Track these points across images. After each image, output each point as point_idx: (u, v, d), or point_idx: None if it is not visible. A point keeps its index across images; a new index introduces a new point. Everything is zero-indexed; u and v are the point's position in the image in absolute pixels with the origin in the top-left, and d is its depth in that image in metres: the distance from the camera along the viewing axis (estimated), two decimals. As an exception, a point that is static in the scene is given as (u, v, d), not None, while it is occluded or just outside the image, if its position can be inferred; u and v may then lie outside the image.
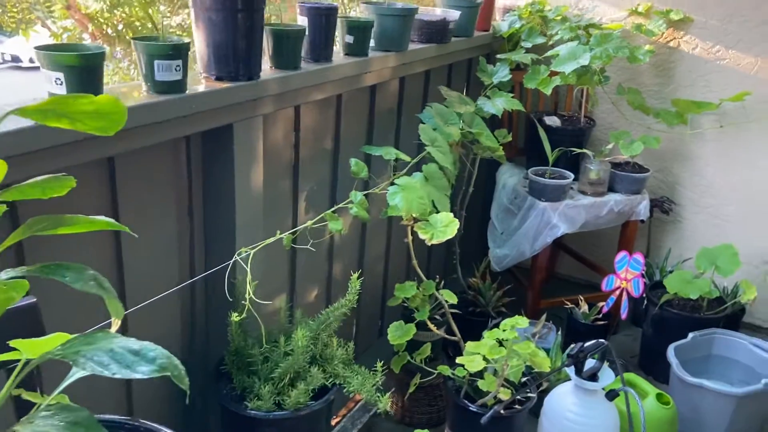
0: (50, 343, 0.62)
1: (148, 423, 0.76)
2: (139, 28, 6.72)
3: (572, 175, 2.50)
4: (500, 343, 1.82)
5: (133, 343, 0.58)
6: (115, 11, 6.17)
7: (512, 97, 2.37)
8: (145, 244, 1.36)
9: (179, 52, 1.19)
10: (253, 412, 1.40)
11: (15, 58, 12.46)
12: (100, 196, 1.23)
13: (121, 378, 0.55)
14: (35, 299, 0.86)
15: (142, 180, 1.32)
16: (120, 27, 6.84)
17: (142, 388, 1.43)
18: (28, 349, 0.64)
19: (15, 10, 4.79)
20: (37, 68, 1.05)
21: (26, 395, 0.74)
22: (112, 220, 0.63)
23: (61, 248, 1.16)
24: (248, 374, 1.49)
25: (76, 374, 0.65)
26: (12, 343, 0.69)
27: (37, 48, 1.02)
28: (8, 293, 0.67)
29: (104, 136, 1.07)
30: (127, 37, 6.68)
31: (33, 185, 0.57)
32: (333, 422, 2.01)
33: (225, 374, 1.51)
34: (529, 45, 2.51)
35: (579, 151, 2.51)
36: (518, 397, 2.00)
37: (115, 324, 0.64)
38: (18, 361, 0.66)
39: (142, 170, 1.31)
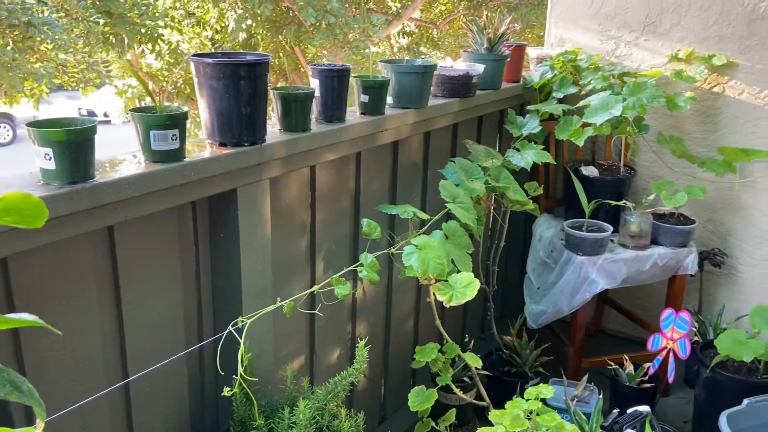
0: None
1: None
2: (196, 84, 7.04)
3: (611, 228, 2.38)
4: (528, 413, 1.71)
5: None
6: (173, 69, 6.49)
7: (543, 148, 2.30)
8: (148, 311, 1.36)
9: (175, 122, 1.20)
10: (254, 486, 1.34)
11: (90, 113, 13.36)
12: (99, 264, 1.24)
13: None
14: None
15: (145, 247, 1.32)
16: (180, 83, 7.18)
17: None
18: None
19: (75, 70, 5.10)
20: (108, 122, 1.09)
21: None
22: (34, 318, 0.61)
23: (58, 312, 1.16)
24: (253, 445, 1.44)
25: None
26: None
27: (28, 125, 1.04)
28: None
29: (94, 209, 1.08)
30: (185, 92, 6.98)
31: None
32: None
33: (231, 445, 1.47)
34: (561, 95, 2.44)
35: (617, 203, 2.40)
36: (550, 469, 1.87)
37: (40, 426, 0.61)
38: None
39: (143, 237, 1.32)
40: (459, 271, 1.77)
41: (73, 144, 1.03)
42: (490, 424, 1.75)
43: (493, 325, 2.53)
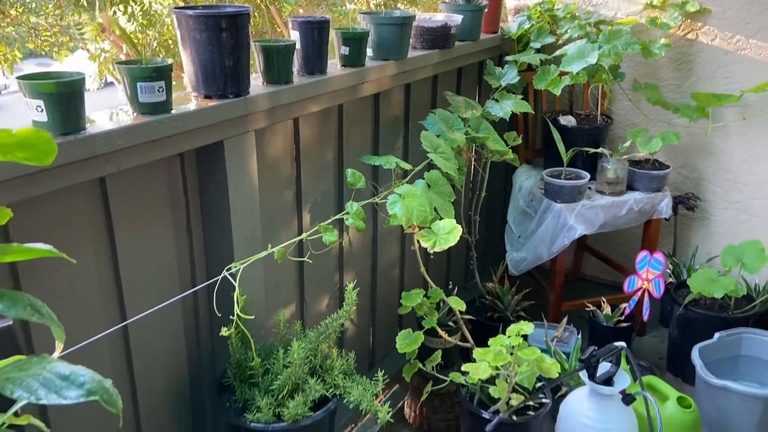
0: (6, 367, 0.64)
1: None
2: (172, 46, 6.91)
3: (588, 175, 2.45)
4: (510, 349, 1.79)
5: (64, 369, 0.60)
6: (148, 32, 6.35)
7: (523, 98, 2.34)
8: (143, 260, 1.40)
9: (161, 73, 1.22)
10: (253, 424, 1.42)
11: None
12: (94, 215, 1.27)
13: (49, 403, 0.57)
14: (11, 321, 0.89)
15: (138, 198, 1.36)
16: (155, 45, 7.04)
17: (149, 402, 1.47)
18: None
19: (47, 34, 4.99)
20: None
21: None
22: (49, 248, 0.66)
23: (57, 265, 1.21)
24: (249, 387, 1.51)
25: (22, 401, 0.67)
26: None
27: (19, 78, 1.06)
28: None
29: (88, 159, 1.12)
30: (159, 56, 6.86)
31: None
32: (347, 430, 2.02)
33: (228, 387, 1.54)
34: (538, 45, 2.47)
35: (594, 150, 2.46)
36: (533, 403, 1.97)
37: (58, 348, 0.66)
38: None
39: (137, 189, 1.35)
40: (441, 219, 1.82)
41: (64, 96, 1.06)
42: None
43: (475, 273, 2.61)
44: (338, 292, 2.11)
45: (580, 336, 2.40)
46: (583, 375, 1.86)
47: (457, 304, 1.98)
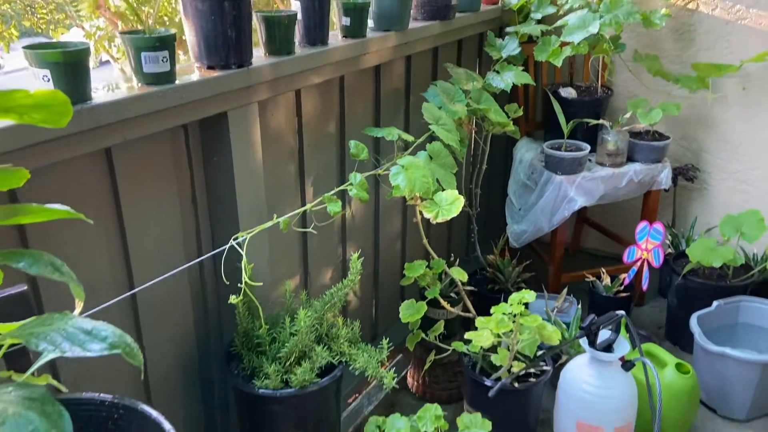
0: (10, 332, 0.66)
1: (128, 400, 0.80)
2: (167, 23, 6.85)
3: (589, 147, 2.46)
4: (512, 317, 1.82)
5: (87, 324, 0.62)
6: (143, 8, 6.30)
7: (524, 70, 2.34)
8: (150, 230, 1.41)
9: (165, 43, 1.23)
10: (261, 390, 1.44)
11: None
12: (100, 186, 1.29)
13: (73, 356, 0.58)
14: (26, 287, 0.91)
15: (143, 170, 1.37)
16: (151, 23, 6.97)
17: (158, 371, 1.50)
18: (6, 331, 0.69)
19: (43, 11, 4.94)
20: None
21: (15, 376, 0.79)
22: (67, 208, 0.67)
23: (65, 237, 1.22)
24: (257, 355, 1.53)
25: (45, 357, 0.69)
26: (-8, 327, 0.73)
27: (25, 48, 1.06)
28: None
29: (93, 129, 1.13)
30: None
31: (-14, 177, 0.61)
32: (351, 399, 2.05)
33: (236, 355, 1.57)
34: (539, 16, 2.46)
35: (594, 122, 2.47)
36: (534, 370, 2.00)
37: (78, 306, 0.68)
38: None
39: (142, 160, 1.36)
40: (444, 190, 1.84)
41: (70, 65, 1.06)
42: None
43: (476, 246, 2.63)
44: (341, 265, 2.13)
45: (579, 306, 2.43)
46: (584, 342, 1.90)
47: (460, 274, 2.01)
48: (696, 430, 2.12)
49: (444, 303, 2.04)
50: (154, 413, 0.78)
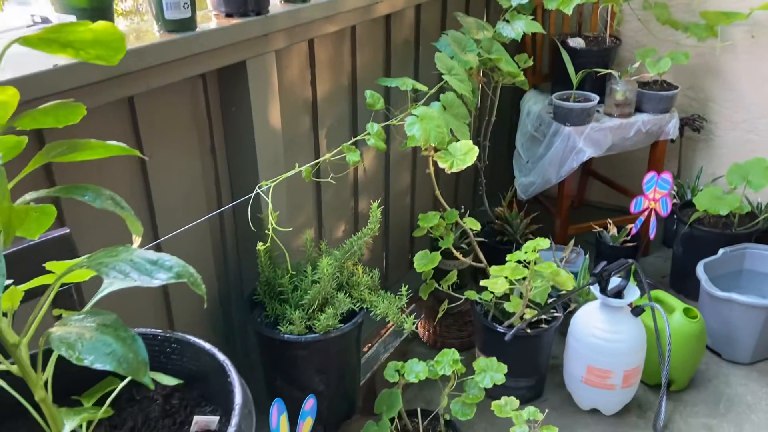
0: (80, 263, 0.68)
1: (179, 333, 0.82)
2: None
3: (597, 98, 2.46)
4: (524, 264, 1.85)
5: (152, 255, 0.63)
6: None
7: (533, 19, 2.32)
8: (171, 182, 1.42)
9: (186, -11, 1.21)
10: (286, 336, 1.48)
11: (45, 20, 12.63)
12: (123, 136, 1.29)
13: (142, 285, 0.60)
14: (68, 230, 0.92)
15: (164, 120, 1.37)
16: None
17: (182, 318, 1.53)
18: (60, 269, 0.70)
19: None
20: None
21: (66, 314, 0.81)
22: (124, 145, 0.68)
23: (95, 181, 1.23)
24: (279, 302, 1.56)
25: (107, 288, 0.70)
26: (47, 265, 0.75)
27: (50, -7, 1.05)
28: (38, 218, 0.73)
29: (120, 76, 1.12)
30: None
31: (45, 111, 0.61)
32: (366, 348, 2.10)
33: (258, 304, 1.59)
34: (548, -36, 2.42)
35: (604, 71, 2.46)
36: (545, 317, 2.05)
37: (136, 241, 0.70)
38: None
39: (162, 111, 1.36)
40: (458, 140, 1.84)
41: (96, 11, 1.05)
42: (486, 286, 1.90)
43: (484, 199, 2.65)
44: (353, 218, 2.15)
45: (587, 257, 2.47)
46: (595, 289, 1.94)
47: (473, 224, 2.03)
48: (701, 373, 2.19)
49: (457, 253, 2.07)
50: (207, 345, 0.80)
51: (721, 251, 2.30)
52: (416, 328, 2.43)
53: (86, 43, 0.60)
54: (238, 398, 0.72)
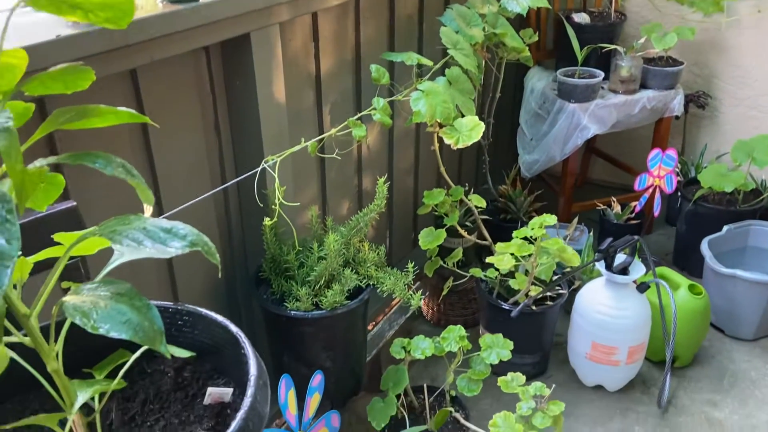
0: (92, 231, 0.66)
1: (190, 306, 0.81)
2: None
3: (602, 74, 2.43)
4: (529, 241, 1.84)
5: (165, 223, 0.62)
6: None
7: (537, -6, 2.28)
8: (174, 157, 1.41)
9: (190, -41, 1.18)
10: (293, 312, 1.47)
11: None
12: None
13: (158, 257, 0.59)
14: (75, 203, 0.91)
15: (167, 95, 1.35)
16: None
17: (187, 295, 1.52)
18: (68, 240, 0.69)
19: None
20: None
21: (74, 286, 0.79)
22: (134, 111, 0.66)
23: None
24: (286, 279, 1.56)
25: (118, 259, 0.69)
26: (56, 236, 0.74)
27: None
28: (46, 188, 0.71)
29: (123, 48, 1.10)
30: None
31: (53, 76, 0.59)
32: (370, 326, 2.10)
33: (264, 280, 1.59)
34: (553, -63, 2.38)
35: (609, 47, 2.43)
36: (550, 294, 2.05)
37: (147, 210, 0.68)
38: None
39: (165, 85, 1.34)
40: (463, 116, 1.82)
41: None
42: (491, 263, 1.89)
43: (488, 177, 2.64)
44: (356, 197, 2.13)
45: (591, 234, 2.47)
46: (600, 265, 1.93)
47: (478, 201, 2.02)
48: (705, 349, 2.19)
49: (462, 231, 2.05)
50: (220, 317, 0.79)
51: (725, 228, 2.29)
52: (420, 306, 2.43)
53: (95, 5, 0.58)
54: (253, 369, 0.71)
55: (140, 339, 0.56)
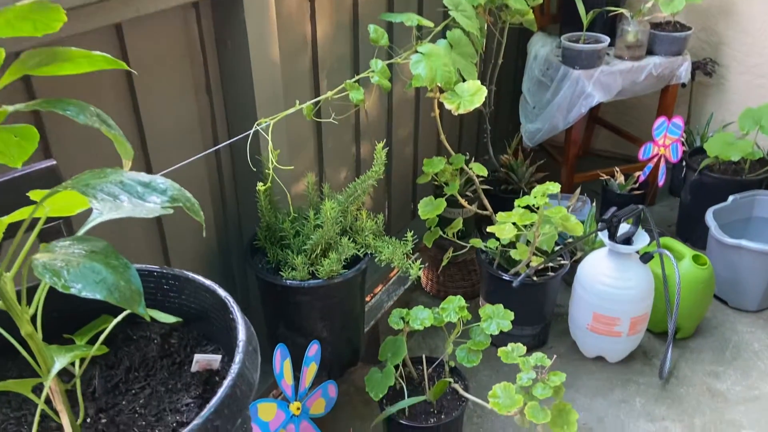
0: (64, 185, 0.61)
1: (177, 270, 0.77)
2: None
3: (608, 39, 2.36)
4: (531, 210, 1.80)
5: (143, 177, 0.57)
6: None
7: (541, -44, 2.20)
8: (164, 121, 1.35)
9: None
10: (289, 281, 1.43)
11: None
12: (112, 71, 1.21)
13: (139, 215, 0.54)
14: (54, 162, 0.86)
15: (155, 54, 1.29)
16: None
17: (179, 263, 1.48)
18: (42, 196, 0.64)
19: None
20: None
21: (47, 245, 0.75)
22: (108, 56, 0.61)
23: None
24: (281, 248, 1.51)
25: (97, 218, 0.65)
26: (30, 193, 0.69)
27: None
28: (19, 143, 0.66)
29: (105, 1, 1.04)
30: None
31: (20, 13, 0.54)
32: (369, 297, 2.06)
33: (259, 249, 1.54)
34: None
35: (616, 10, 2.36)
36: (551, 264, 2.01)
37: (126, 165, 0.63)
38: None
39: (153, 42, 1.28)
40: (464, 81, 1.76)
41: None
42: (491, 234, 1.85)
43: (489, 147, 2.58)
44: (354, 166, 2.08)
45: (593, 205, 2.42)
46: (604, 235, 1.89)
47: (479, 169, 1.97)
48: (707, 321, 2.16)
49: (462, 201, 2.01)
50: (208, 281, 0.75)
51: (730, 198, 2.25)
52: (419, 277, 2.39)
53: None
54: (241, 335, 0.67)
55: (116, 300, 0.52)
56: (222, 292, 0.73)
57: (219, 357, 0.73)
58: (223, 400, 0.59)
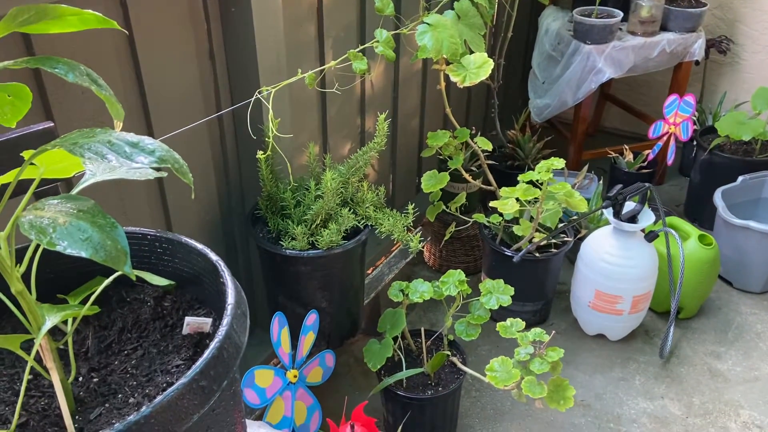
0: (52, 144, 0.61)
1: (170, 233, 0.77)
2: None
3: (621, 14, 2.32)
4: (535, 185, 1.79)
5: (132, 137, 0.57)
6: None
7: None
8: (167, 87, 1.34)
9: None
10: (288, 251, 1.44)
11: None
12: (114, 38, 1.20)
13: (130, 176, 0.54)
14: (52, 123, 0.86)
15: (158, 18, 1.28)
16: None
17: (181, 232, 1.48)
18: (35, 156, 0.64)
19: None
20: None
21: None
22: (100, 15, 0.60)
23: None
24: (282, 218, 1.51)
25: (89, 179, 0.65)
26: (24, 153, 0.69)
27: None
28: (12, 102, 0.66)
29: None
30: None
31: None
32: (370, 270, 2.07)
33: (260, 218, 1.55)
34: None
35: (629, -16, 2.31)
36: (555, 241, 2.00)
37: (117, 126, 0.63)
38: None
39: (156, 8, 1.26)
40: (472, 53, 1.74)
41: None
42: (495, 209, 1.84)
43: (496, 122, 2.56)
44: (359, 138, 2.07)
45: (601, 183, 2.40)
46: (608, 213, 1.88)
47: (484, 144, 1.95)
48: (711, 301, 2.16)
49: (466, 175, 2.00)
50: (200, 245, 0.75)
51: (740, 178, 2.22)
52: (421, 251, 2.40)
53: None
54: (230, 298, 0.67)
55: (101, 258, 0.52)
56: (213, 256, 0.73)
57: (210, 320, 0.73)
58: (210, 361, 0.59)
